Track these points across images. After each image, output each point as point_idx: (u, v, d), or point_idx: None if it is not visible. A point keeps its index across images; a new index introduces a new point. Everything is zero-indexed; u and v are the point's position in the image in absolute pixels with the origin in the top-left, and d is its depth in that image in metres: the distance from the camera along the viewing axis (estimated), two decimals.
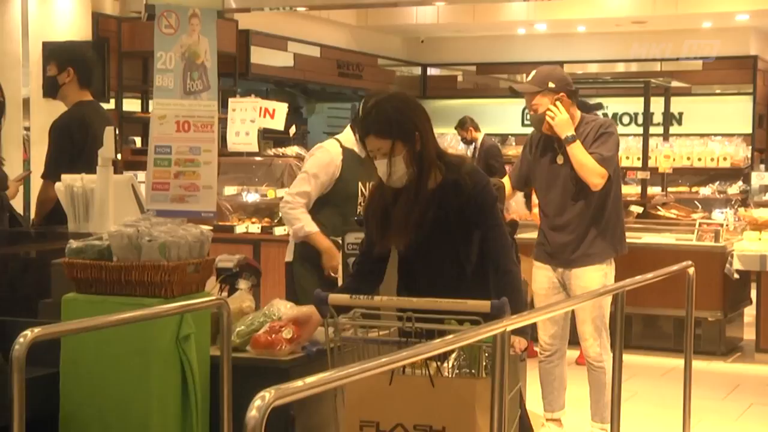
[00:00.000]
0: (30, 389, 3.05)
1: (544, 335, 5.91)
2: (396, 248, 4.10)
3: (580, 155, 5.67)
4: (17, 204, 7.07)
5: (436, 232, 4.06)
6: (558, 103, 5.71)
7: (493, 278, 4.13)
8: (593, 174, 5.67)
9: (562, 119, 5.69)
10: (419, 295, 3.85)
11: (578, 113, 5.87)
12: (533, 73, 5.91)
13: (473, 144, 13.20)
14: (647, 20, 14.70)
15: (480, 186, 4.14)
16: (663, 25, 15.06)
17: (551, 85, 5.75)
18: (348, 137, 5.44)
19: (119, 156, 4.89)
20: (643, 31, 15.46)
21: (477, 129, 13.36)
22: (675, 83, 13.62)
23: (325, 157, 5.36)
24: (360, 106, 5.26)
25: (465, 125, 13.42)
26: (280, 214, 5.35)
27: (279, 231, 8.61)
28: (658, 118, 12.70)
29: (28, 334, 3.03)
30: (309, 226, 5.30)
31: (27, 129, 10.35)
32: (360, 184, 5.40)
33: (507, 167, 13.62)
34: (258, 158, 9.73)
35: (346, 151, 5.40)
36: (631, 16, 14.31)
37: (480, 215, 4.11)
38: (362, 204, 5.29)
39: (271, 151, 10.17)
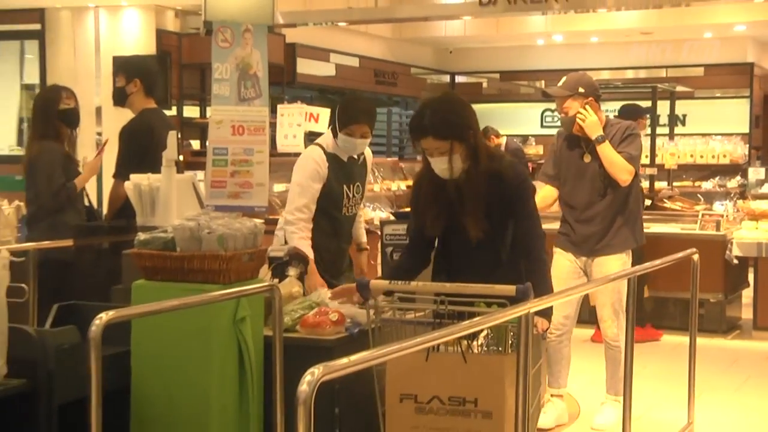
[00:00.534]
0: (105, 365, 3.07)
1: (559, 315, 5.86)
2: (474, 235, 4.03)
3: (610, 154, 5.64)
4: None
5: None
6: (587, 106, 5.68)
7: (525, 265, 4.11)
8: (623, 171, 5.64)
9: (592, 121, 5.66)
10: (457, 278, 3.84)
11: (604, 116, 5.85)
12: (564, 78, 5.87)
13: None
14: (653, 31, 14.62)
15: (521, 178, 4.15)
16: (668, 35, 14.98)
17: (581, 90, 5.71)
18: (329, 141, 5.14)
19: (181, 157, 4.89)
20: (650, 40, 15.38)
21: (498, 135, 13.34)
22: (679, 88, 13.54)
23: (312, 165, 5.04)
24: (337, 111, 5.05)
25: (487, 134, 13.35)
26: (284, 230, 5.02)
27: None
28: (664, 119, 12.65)
29: (103, 317, 3.06)
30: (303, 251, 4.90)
31: (99, 134, 10.44)
32: (344, 186, 5.15)
33: (529, 165, 13.69)
34: None
35: (329, 156, 5.10)
36: (639, 27, 14.22)
37: (519, 205, 4.10)
38: (346, 205, 5.16)
39: None
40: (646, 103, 12.82)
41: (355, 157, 5.20)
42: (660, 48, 15.55)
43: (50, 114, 5.99)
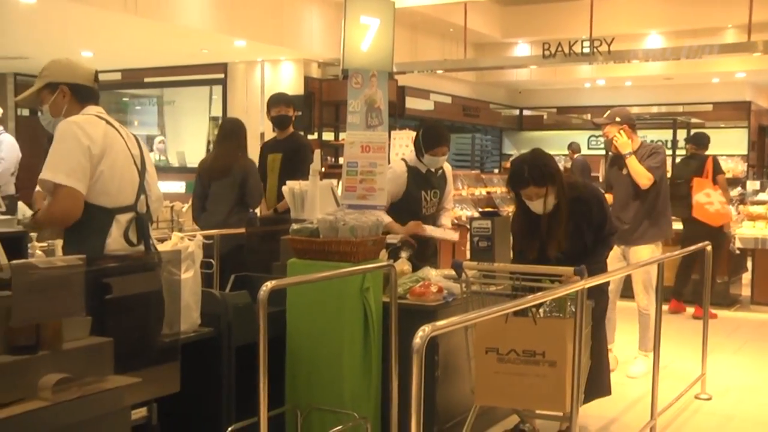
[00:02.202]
0: (268, 320, 3.07)
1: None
2: (553, 256, 3.96)
3: (634, 165, 5.59)
4: None
5: (569, 235, 3.99)
6: (621, 131, 5.66)
7: (604, 250, 4.14)
8: (643, 177, 5.57)
9: (623, 141, 5.64)
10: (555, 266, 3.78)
11: (638, 139, 5.78)
12: (608, 112, 5.87)
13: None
14: (674, 77, 14.27)
15: (599, 198, 4.12)
16: (685, 80, 14.67)
17: (617, 119, 5.73)
18: (412, 157, 5.00)
19: (323, 169, 4.88)
20: (671, 84, 15.03)
21: (577, 151, 13.68)
22: (694, 120, 13.19)
23: (390, 174, 4.86)
24: (422, 138, 4.88)
25: (572, 148, 13.74)
26: None
27: None
28: (681, 143, 12.34)
29: (269, 285, 3.05)
30: (383, 219, 4.61)
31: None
32: (422, 191, 4.98)
33: None
34: None
35: (410, 168, 4.96)
36: (663, 74, 13.88)
37: (600, 216, 4.05)
38: (425, 206, 4.98)
39: None
40: (667, 132, 12.50)
41: (433, 170, 5.02)
42: (678, 90, 15.25)
43: (244, 139, 5.88)
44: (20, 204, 6.39)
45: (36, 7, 7.95)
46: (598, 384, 4.09)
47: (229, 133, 5.83)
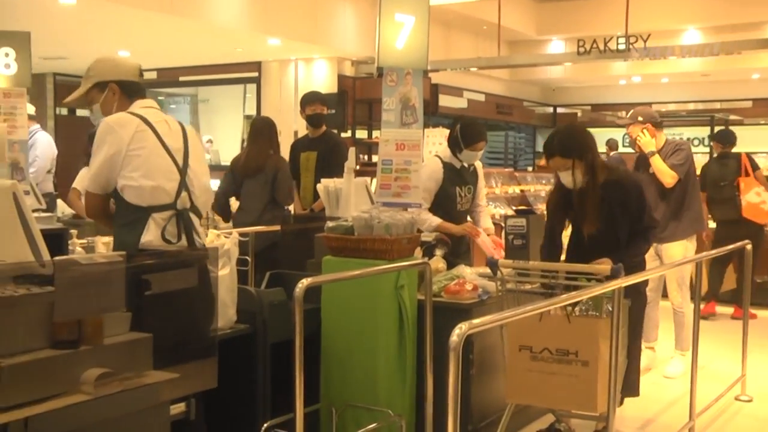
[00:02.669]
0: (305, 317, 3.08)
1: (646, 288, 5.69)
2: (587, 232, 3.94)
3: (657, 163, 5.56)
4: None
5: (603, 218, 3.95)
6: (645, 130, 5.62)
7: (642, 244, 4.08)
8: (666, 175, 5.53)
9: (645, 140, 5.61)
10: (584, 260, 3.75)
11: (663, 137, 5.70)
12: (631, 111, 5.86)
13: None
14: (711, 73, 14.06)
15: (639, 187, 4.07)
16: (723, 76, 14.42)
17: (640, 118, 5.68)
18: (446, 153, 5.02)
19: (357, 167, 4.89)
20: (708, 80, 14.81)
21: (614, 148, 13.68)
22: (731, 117, 13.03)
23: (427, 172, 4.87)
24: (458, 128, 4.93)
25: (608, 144, 13.73)
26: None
27: None
28: None
29: (305, 282, 3.07)
30: (435, 221, 4.88)
31: None
32: (457, 187, 5.00)
33: None
34: None
35: (445, 164, 4.98)
36: (700, 70, 13.69)
37: (638, 204, 4.00)
38: (459, 202, 4.99)
39: None
40: (704, 129, 12.36)
41: (466, 166, 5.04)
42: (716, 86, 15.03)
43: (275, 137, 5.94)
44: (59, 201, 6.49)
45: (75, 7, 8.06)
46: (628, 384, 4.06)
47: (259, 132, 5.87)
